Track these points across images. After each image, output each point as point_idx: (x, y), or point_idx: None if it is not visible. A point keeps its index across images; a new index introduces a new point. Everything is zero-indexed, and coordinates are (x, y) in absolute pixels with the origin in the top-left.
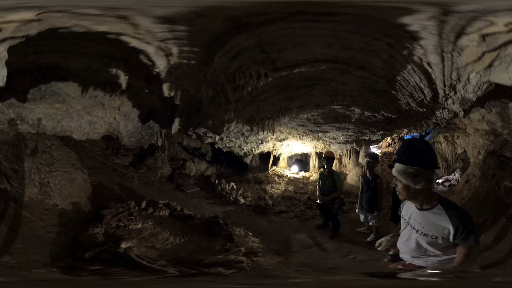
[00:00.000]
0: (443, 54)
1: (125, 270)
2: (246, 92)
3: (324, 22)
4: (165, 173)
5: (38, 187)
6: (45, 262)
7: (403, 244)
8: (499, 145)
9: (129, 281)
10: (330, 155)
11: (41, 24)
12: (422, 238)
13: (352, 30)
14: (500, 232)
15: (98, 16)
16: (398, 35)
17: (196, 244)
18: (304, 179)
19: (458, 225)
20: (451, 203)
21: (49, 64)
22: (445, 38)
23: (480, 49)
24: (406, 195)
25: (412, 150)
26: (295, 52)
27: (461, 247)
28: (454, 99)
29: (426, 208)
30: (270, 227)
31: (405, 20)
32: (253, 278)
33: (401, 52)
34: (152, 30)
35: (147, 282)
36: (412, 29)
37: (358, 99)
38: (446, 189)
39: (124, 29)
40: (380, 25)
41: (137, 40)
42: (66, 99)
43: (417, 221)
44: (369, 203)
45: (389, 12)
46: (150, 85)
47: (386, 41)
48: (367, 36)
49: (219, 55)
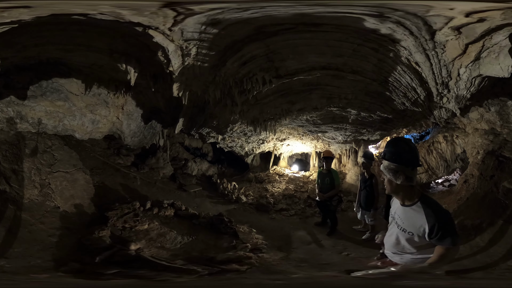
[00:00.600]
0: (427, 52)
1: (150, 272)
2: (252, 95)
3: (316, 32)
4: (167, 173)
5: (39, 189)
6: (47, 266)
7: (387, 239)
8: (498, 144)
9: (172, 282)
10: (328, 155)
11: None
12: (401, 233)
13: (340, 39)
14: (496, 234)
15: (145, 7)
16: (377, 39)
17: (204, 242)
18: (304, 178)
19: (433, 225)
20: (431, 202)
21: (51, 59)
22: (420, 37)
23: (461, 42)
24: (389, 189)
25: (393, 148)
26: (295, 61)
27: (438, 247)
28: (448, 97)
29: (408, 204)
30: (271, 225)
31: (371, 25)
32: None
33: (388, 55)
34: (185, 29)
35: (189, 282)
36: (384, 32)
37: (354, 101)
38: (445, 189)
39: (163, 24)
40: (356, 32)
41: (163, 36)
42: (68, 97)
43: (400, 217)
44: (366, 201)
45: (354, 19)
46: (156, 84)
47: (370, 46)
48: (352, 43)
49: (232, 60)
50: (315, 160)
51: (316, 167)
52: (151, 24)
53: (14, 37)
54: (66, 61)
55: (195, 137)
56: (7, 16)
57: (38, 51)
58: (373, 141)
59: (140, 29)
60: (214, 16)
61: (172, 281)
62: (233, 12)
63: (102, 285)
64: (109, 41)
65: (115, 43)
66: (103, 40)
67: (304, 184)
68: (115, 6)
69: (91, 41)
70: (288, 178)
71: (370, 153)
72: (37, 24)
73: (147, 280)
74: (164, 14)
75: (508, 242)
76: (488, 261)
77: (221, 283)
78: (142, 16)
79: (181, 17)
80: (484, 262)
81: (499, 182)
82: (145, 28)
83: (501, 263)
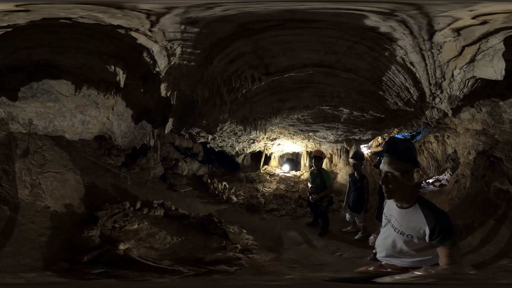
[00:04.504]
0: (423, 52)
1: (135, 272)
2: (241, 94)
3: (309, 29)
4: (157, 173)
5: (29, 189)
6: (37, 266)
7: (381, 242)
8: (490, 145)
9: (153, 283)
10: (318, 154)
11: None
12: (399, 236)
13: (334, 36)
14: (487, 234)
15: (118, 9)
16: (374, 37)
17: (193, 242)
18: (295, 177)
19: (434, 227)
20: (429, 203)
21: (41, 61)
22: (419, 37)
23: (458, 44)
24: (395, 192)
25: (402, 146)
26: (285, 57)
27: (441, 248)
28: (441, 97)
29: (405, 207)
30: (262, 225)
31: (372, 23)
32: (259, 275)
33: (383, 54)
34: (165, 29)
35: (170, 283)
36: (383, 31)
37: (346, 100)
38: (436, 189)
39: (141, 25)
40: (354, 29)
41: (145, 38)
42: (58, 98)
43: (396, 219)
44: (356, 203)
45: (356, 16)
46: (145, 85)
47: (366, 44)
48: (347, 41)
49: (219, 58)
50: (306, 159)
51: (307, 167)
52: (130, 26)
53: (5, 40)
54: (56, 62)
55: (185, 137)
56: (7, 20)
57: (29, 53)
58: (364, 140)
59: (123, 31)
60: (184, 15)
61: (151, 282)
62: (200, 10)
63: (81, 284)
64: (98, 43)
65: (104, 45)
66: (92, 42)
67: (295, 184)
68: (86, 10)
69: (80, 43)
70: (279, 178)
71: (360, 153)
72: (29, 27)
73: (127, 281)
74: (136, 16)
75: (500, 241)
76: (480, 260)
77: (206, 284)
78: (117, 18)
79: (153, 18)
80: (476, 261)
81: (490, 182)
82: (127, 30)
83: (493, 262)
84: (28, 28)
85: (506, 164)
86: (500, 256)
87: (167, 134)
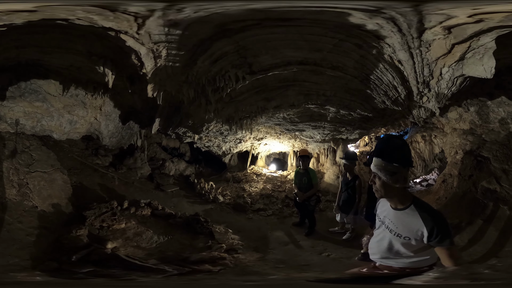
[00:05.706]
0: (411, 50)
1: (122, 271)
2: (226, 93)
3: (289, 27)
4: (145, 173)
5: (17, 188)
6: (25, 265)
7: (375, 244)
8: (477, 144)
9: (138, 282)
10: (305, 153)
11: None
12: (395, 238)
13: (317, 33)
14: (475, 234)
15: (112, 12)
16: (361, 35)
17: (179, 242)
18: (282, 177)
19: (432, 228)
20: (424, 204)
21: (30, 61)
22: (408, 34)
23: (448, 42)
24: (383, 193)
25: (390, 145)
26: (268, 56)
27: (440, 249)
28: (429, 96)
29: (400, 208)
30: (249, 225)
31: (357, 20)
32: (243, 275)
33: (371, 52)
34: (151, 32)
35: (155, 282)
36: (370, 28)
37: (333, 98)
38: (423, 188)
39: (130, 28)
40: (338, 26)
41: (133, 40)
42: (46, 98)
43: (392, 221)
44: (347, 204)
45: (337, 14)
46: (133, 86)
47: (353, 42)
48: (332, 38)
49: (202, 59)
50: (293, 159)
51: (294, 166)
52: (120, 29)
53: None
54: (45, 62)
55: (172, 137)
56: (6, 19)
57: (18, 53)
58: (352, 140)
59: (113, 33)
60: (164, 18)
61: (135, 281)
62: (174, 12)
63: (70, 284)
64: (87, 44)
65: (93, 46)
66: (82, 43)
67: (281, 183)
68: (86, 12)
69: (70, 44)
70: (266, 177)
71: (352, 153)
72: (22, 27)
73: (113, 280)
74: (126, 18)
75: (488, 241)
76: (468, 260)
77: (189, 283)
78: (109, 20)
79: (140, 20)
80: (464, 261)
81: (478, 182)
82: (117, 33)
83: (481, 262)
84: (20, 28)
85: (494, 164)
86: (488, 256)
87: (154, 134)
